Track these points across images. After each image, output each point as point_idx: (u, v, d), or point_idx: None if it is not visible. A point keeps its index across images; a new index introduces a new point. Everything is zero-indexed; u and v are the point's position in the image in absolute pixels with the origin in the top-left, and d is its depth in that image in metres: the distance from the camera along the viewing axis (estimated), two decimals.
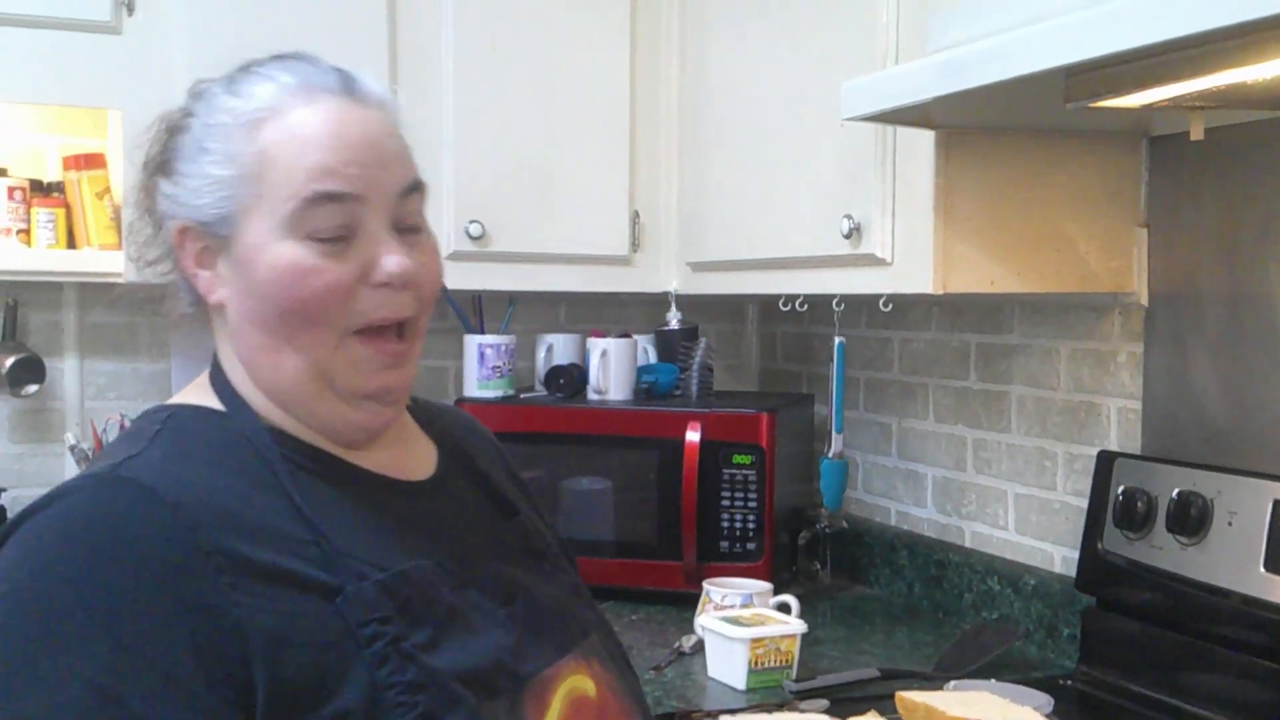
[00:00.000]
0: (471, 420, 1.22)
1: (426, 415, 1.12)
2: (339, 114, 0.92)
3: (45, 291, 2.18)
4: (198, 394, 0.97)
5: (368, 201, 0.92)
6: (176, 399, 0.99)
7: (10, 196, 2.00)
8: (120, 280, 1.91)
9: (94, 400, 2.21)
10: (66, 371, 2.20)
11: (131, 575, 0.81)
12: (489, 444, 1.19)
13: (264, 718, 0.80)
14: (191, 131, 0.94)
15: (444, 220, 2.11)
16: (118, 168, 2.03)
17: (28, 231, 2.02)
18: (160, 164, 0.96)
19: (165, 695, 0.78)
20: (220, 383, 0.96)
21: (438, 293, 0.99)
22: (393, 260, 0.92)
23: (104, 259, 2.00)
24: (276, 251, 0.90)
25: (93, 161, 2.04)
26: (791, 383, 2.61)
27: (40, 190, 2.06)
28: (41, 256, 2.01)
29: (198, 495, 0.86)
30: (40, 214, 2.02)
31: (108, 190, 2.05)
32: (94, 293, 2.19)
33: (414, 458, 1.04)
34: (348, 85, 0.95)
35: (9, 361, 2.11)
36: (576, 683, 0.97)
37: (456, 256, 2.12)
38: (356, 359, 0.93)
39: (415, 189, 0.96)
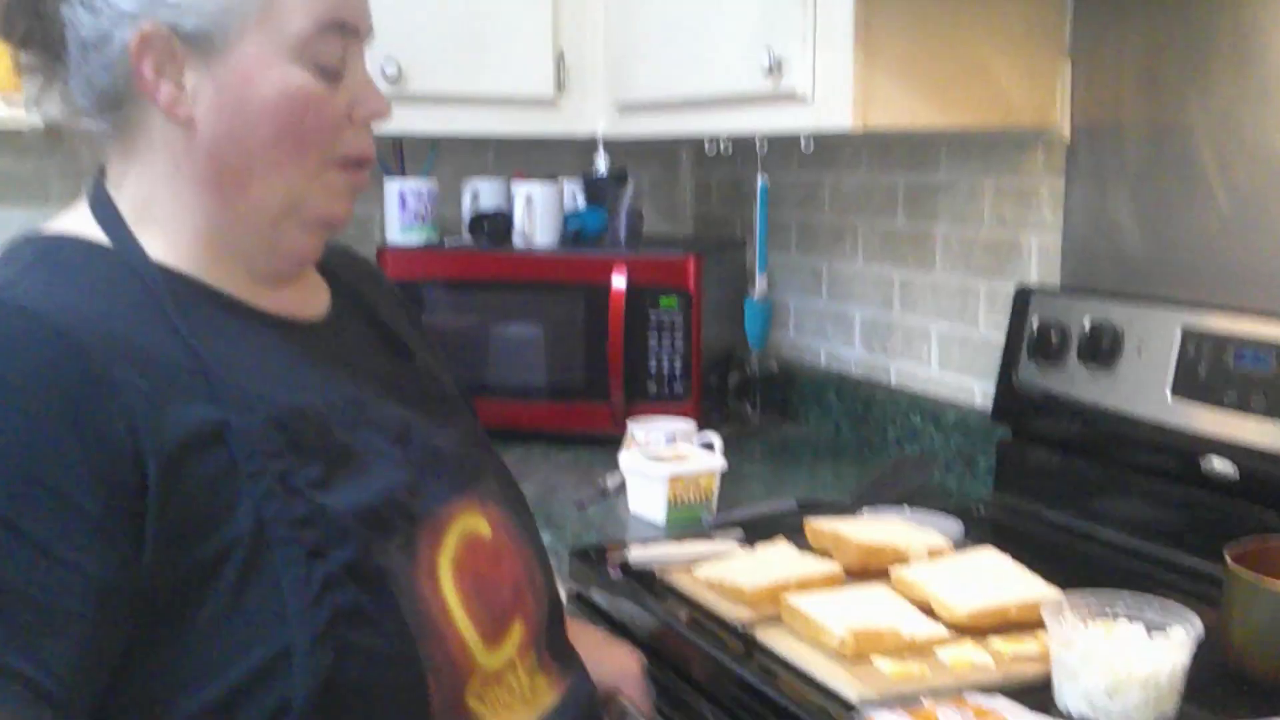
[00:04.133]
0: (368, 263, 1.21)
1: (322, 256, 1.09)
2: None
3: None
4: (76, 224, 0.93)
5: (361, 36, 0.94)
6: (51, 228, 0.94)
7: None
8: (24, 129, 1.84)
9: None
10: None
11: (22, 399, 0.78)
12: (385, 288, 1.19)
13: (155, 544, 0.80)
14: None
15: None
16: None
17: None
18: None
19: (62, 520, 0.77)
20: (106, 214, 0.92)
21: None
22: (378, 98, 0.95)
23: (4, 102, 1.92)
24: (283, 74, 0.90)
25: None
26: (726, 228, 2.59)
27: None
28: None
29: (84, 320, 0.83)
30: None
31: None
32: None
33: (308, 297, 1.03)
34: None
35: None
36: (471, 523, 0.98)
37: None
38: (332, 185, 0.94)
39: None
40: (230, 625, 0.81)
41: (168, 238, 0.93)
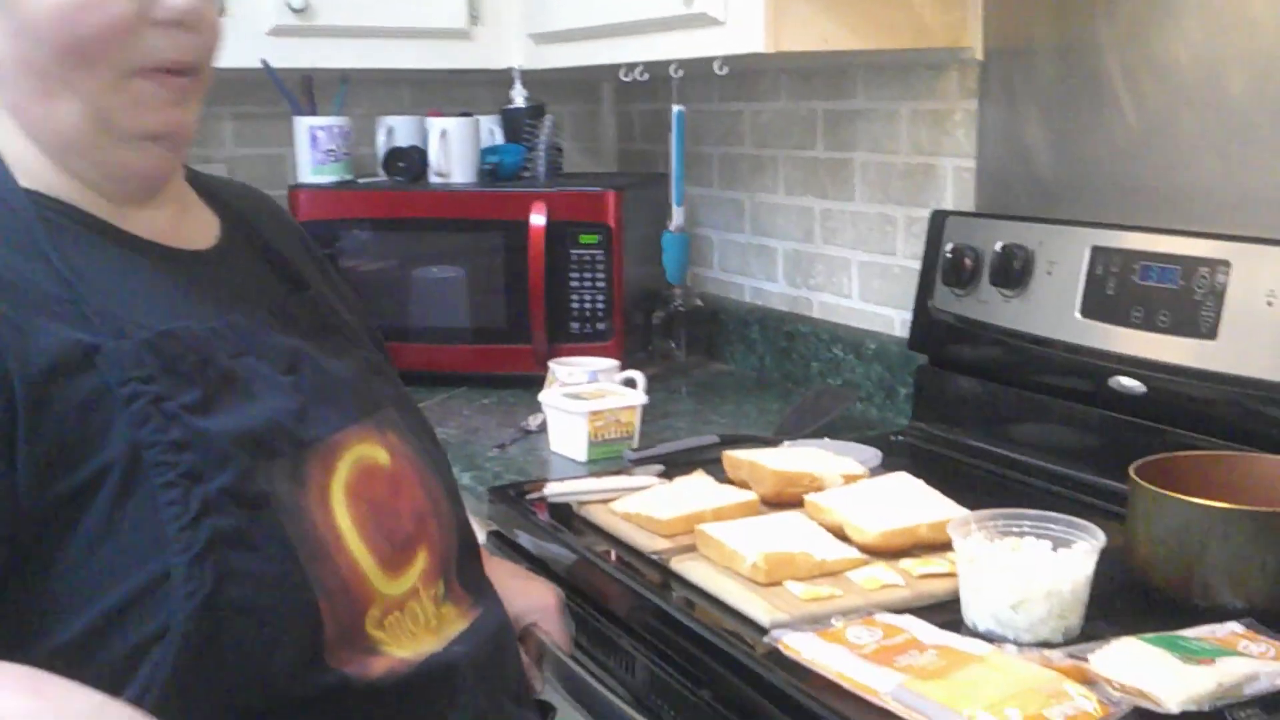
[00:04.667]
0: (263, 196, 1.18)
1: (211, 188, 1.08)
2: None
3: None
4: None
5: None
6: None
7: None
8: None
9: None
10: None
11: None
12: (283, 221, 1.16)
13: (27, 468, 0.79)
14: None
15: None
16: None
17: None
18: None
19: None
20: None
21: (221, 40, 0.94)
22: None
23: None
24: None
25: None
26: (650, 163, 2.56)
27: None
28: None
29: None
30: None
31: None
32: None
33: (192, 227, 1.01)
34: None
35: None
36: (367, 450, 0.96)
37: (279, 32, 2.00)
38: (139, 96, 0.89)
39: None
40: (106, 550, 0.80)
41: (27, 164, 0.90)
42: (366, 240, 2.11)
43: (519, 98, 2.23)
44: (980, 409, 1.63)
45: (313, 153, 2.13)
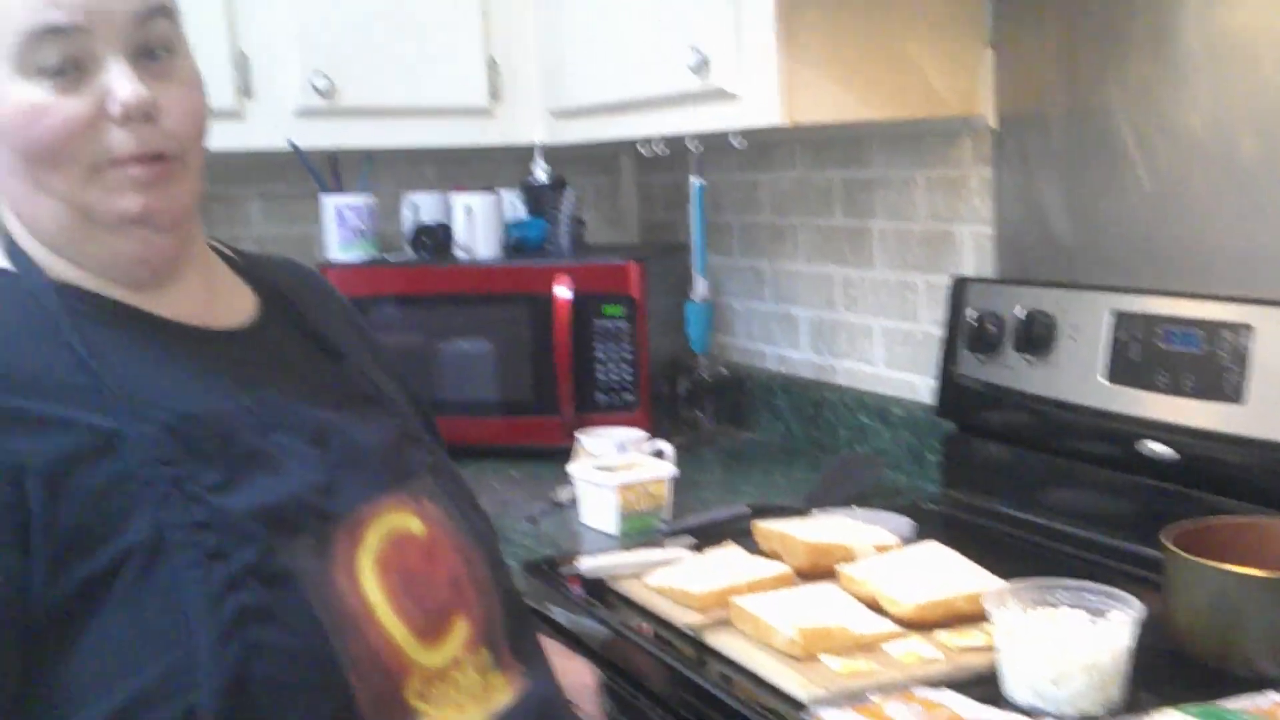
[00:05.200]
0: (306, 270, 1.20)
1: (250, 265, 1.10)
2: None
3: None
4: None
5: (94, 32, 0.88)
6: None
7: None
8: None
9: None
10: None
11: None
12: (328, 296, 1.18)
13: (43, 558, 0.80)
14: None
15: (289, 76, 2.02)
16: None
17: None
18: None
19: None
20: (9, 242, 0.95)
21: (201, 124, 0.96)
22: (127, 89, 0.88)
23: None
24: (8, 93, 0.88)
25: None
26: (671, 233, 2.59)
27: None
28: None
29: None
30: None
31: None
32: None
33: (226, 306, 1.03)
34: None
35: None
36: (398, 520, 0.97)
37: (305, 113, 2.04)
38: (111, 185, 0.90)
39: (157, 13, 0.91)
40: (127, 635, 0.81)
41: (46, 260, 0.94)
42: (394, 315, 2.14)
43: (540, 172, 2.27)
44: (1010, 475, 1.63)
45: (340, 230, 2.17)
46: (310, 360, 1.05)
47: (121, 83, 0.88)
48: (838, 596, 1.27)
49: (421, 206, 2.26)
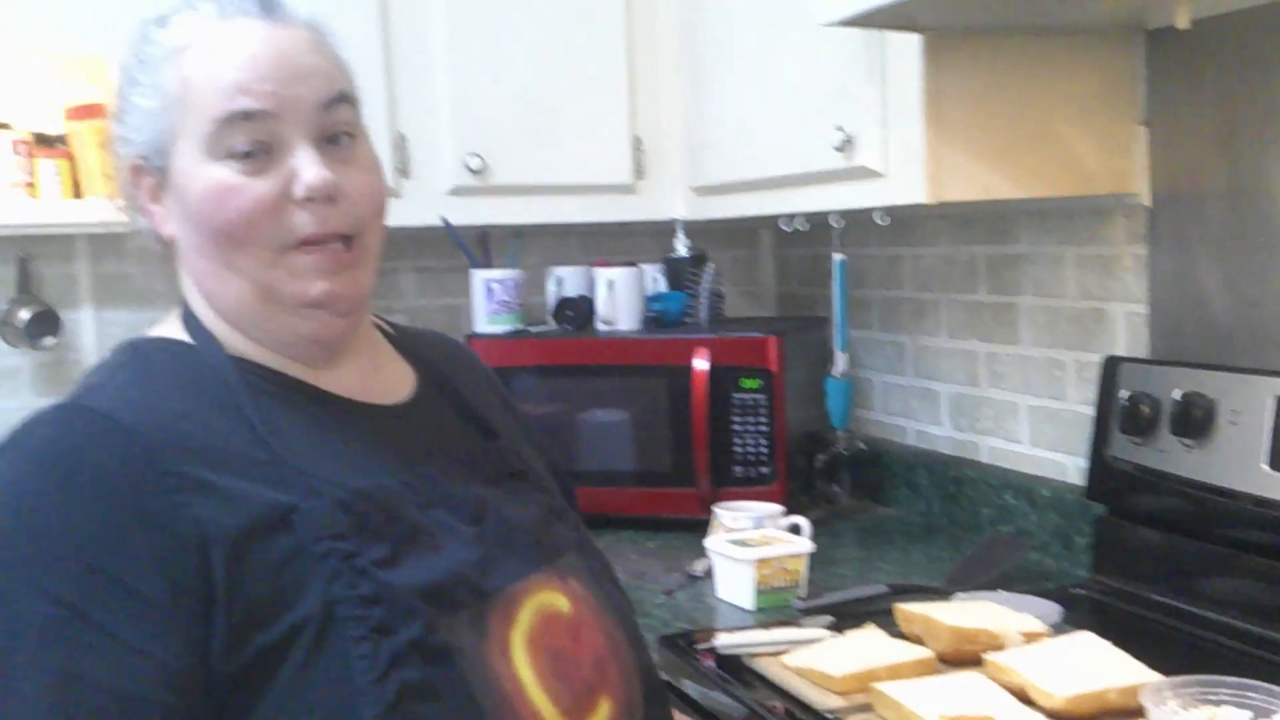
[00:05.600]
0: (459, 346, 1.24)
1: (408, 341, 1.14)
2: (252, 34, 0.94)
3: (56, 244, 2.21)
4: (168, 328, 1.00)
5: (283, 117, 0.93)
6: (148, 333, 1.01)
7: (15, 150, 2.01)
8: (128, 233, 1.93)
9: None
10: (83, 323, 2.23)
11: (92, 497, 0.83)
12: (477, 369, 1.21)
13: (224, 629, 0.83)
14: (128, 69, 0.96)
15: (443, 155, 2.11)
16: None
17: (33, 184, 2.03)
18: (114, 107, 0.99)
19: (129, 608, 0.81)
20: (189, 316, 0.99)
21: (380, 206, 1.00)
22: (311, 172, 0.93)
23: (110, 209, 2.01)
24: (200, 175, 0.93)
25: (93, 111, 2.04)
26: (809, 306, 2.59)
27: (45, 142, 2.07)
28: (49, 208, 2.02)
29: (155, 421, 0.88)
30: (45, 166, 2.03)
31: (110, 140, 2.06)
32: (105, 244, 2.21)
33: (387, 382, 1.06)
34: (267, 7, 0.96)
35: (25, 315, 2.14)
36: (548, 598, 0.98)
37: (458, 191, 2.12)
38: (296, 268, 0.94)
39: (341, 100, 0.96)
40: (296, 706, 0.83)
41: (226, 335, 0.98)
42: (536, 385, 2.19)
43: (681, 247, 2.30)
44: (1165, 562, 1.57)
45: (487, 303, 2.23)
46: (464, 436, 1.08)
47: (307, 166, 0.93)
48: (984, 685, 1.24)
49: (565, 280, 2.31)
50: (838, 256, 1.97)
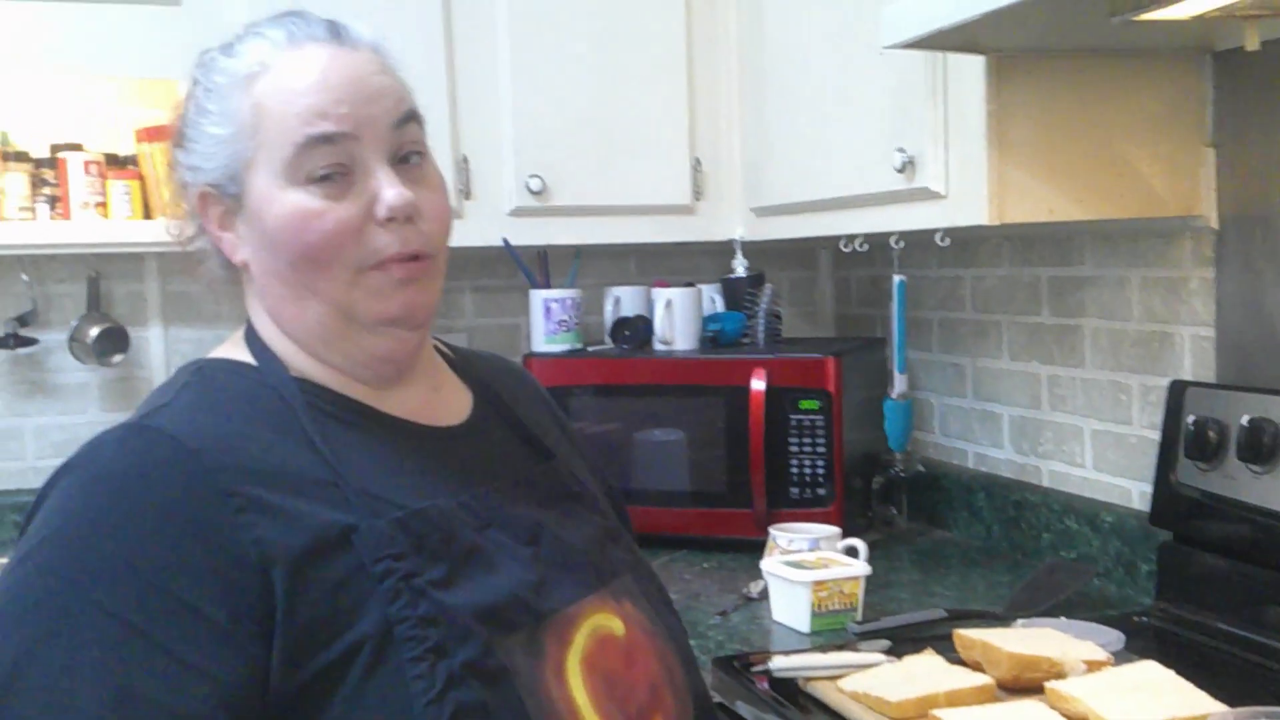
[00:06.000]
0: (515, 368, 1.24)
1: (465, 363, 1.14)
2: (324, 59, 0.95)
3: (126, 263, 2.26)
4: (231, 349, 1.01)
5: (361, 139, 0.94)
6: (212, 354, 1.02)
7: (87, 170, 2.07)
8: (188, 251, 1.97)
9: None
10: (151, 340, 2.28)
11: (155, 517, 0.85)
12: (532, 391, 1.21)
13: (283, 649, 0.83)
14: (194, 98, 0.97)
15: (504, 176, 2.13)
16: None
17: (105, 204, 2.09)
18: (176, 135, 1.00)
19: (191, 628, 0.82)
20: (252, 337, 1.00)
21: (449, 224, 1.01)
22: (393, 193, 0.94)
23: (169, 232, 2.06)
24: (280, 200, 0.93)
25: (163, 133, 2.08)
26: (867, 327, 2.58)
27: (116, 163, 2.12)
28: (119, 228, 2.08)
29: (219, 441, 0.89)
30: (116, 186, 2.08)
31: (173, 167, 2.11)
32: (174, 262, 2.25)
33: (446, 404, 1.07)
34: (334, 32, 0.97)
35: (94, 332, 2.19)
36: (603, 620, 0.98)
37: (519, 212, 2.14)
38: (375, 287, 0.95)
39: (411, 119, 0.97)
40: None
41: (295, 358, 0.98)
42: (593, 405, 2.20)
43: (739, 267, 2.31)
44: (1231, 590, 1.54)
45: (546, 323, 2.25)
46: (520, 457, 1.08)
47: (389, 187, 0.94)
48: (1045, 714, 1.22)
49: (623, 299, 2.32)
50: (897, 277, 1.96)
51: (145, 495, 0.85)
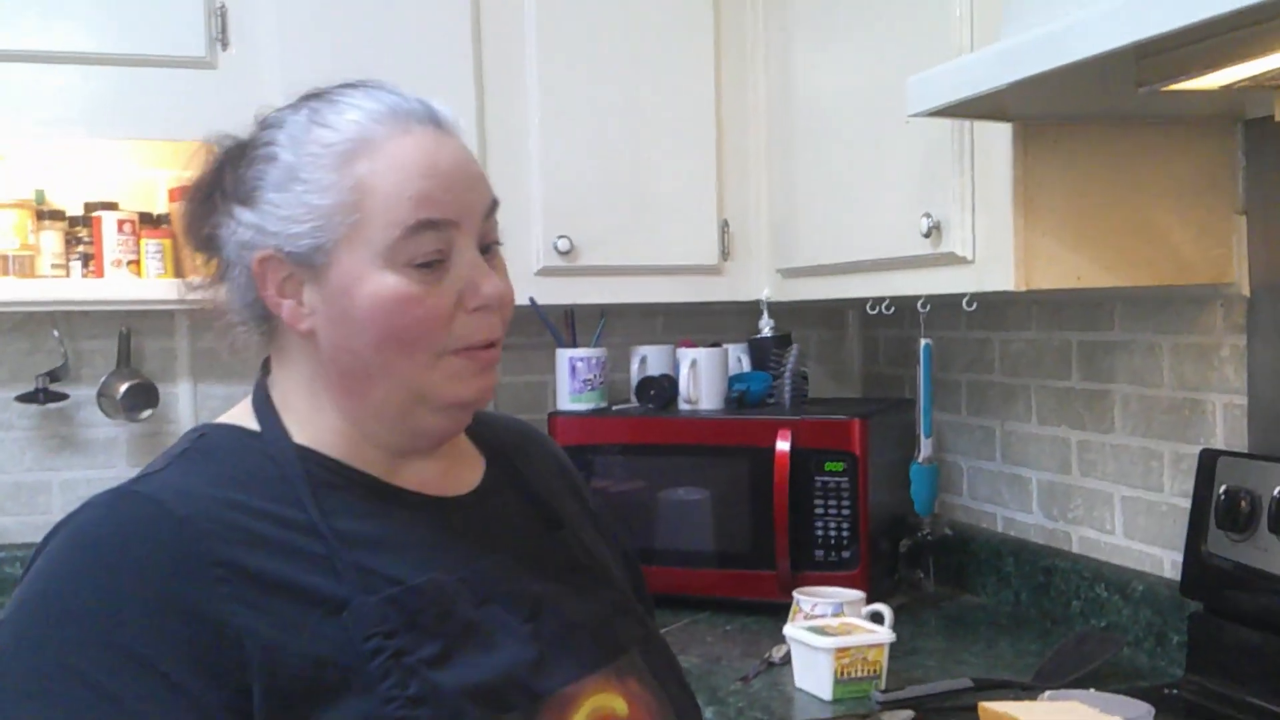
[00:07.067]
0: (532, 432, 1.21)
1: (481, 428, 1.12)
2: (431, 143, 0.94)
3: (157, 319, 2.29)
4: (237, 414, 1.00)
5: (461, 226, 0.94)
6: (220, 419, 1.01)
7: (120, 229, 2.10)
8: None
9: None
10: (180, 396, 2.30)
11: (133, 583, 0.84)
12: (548, 456, 1.19)
13: None
14: (278, 161, 0.93)
15: (533, 236, 2.14)
16: None
17: (138, 262, 2.11)
18: (242, 193, 0.95)
19: (162, 696, 0.81)
20: (260, 402, 0.98)
21: (512, 311, 1.00)
22: (490, 284, 0.95)
23: (186, 290, 2.07)
24: (376, 281, 0.92)
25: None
26: (895, 386, 2.56)
27: (149, 222, 2.15)
28: (152, 286, 2.10)
29: (208, 509, 0.88)
30: (149, 245, 2.11)
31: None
32: (204, 319, 2.26)
33: (458, 473, 1.05)
34: (432, 114, 0.96)
35: (124, 387, 2.21)
36: (604, 701, 0.96)
37: (546, 272, 2.15)
38: (452, 371, 0.95)
39: (495, 207, 0.98)
40: None
41: (311, 426, 0.97)
42: (617, 464, 2.19)
43: (766, 328, 2.30)
44: (1264, 664, 1.51)
45: (571, 381, 2.25)
46: (529, 528, 1.06)
47: (486, 278, 0.95)
48: None
49: (649, 358, 2.32)
50: (924, 341, 1.95)
51: (124, 559, 0.85)
